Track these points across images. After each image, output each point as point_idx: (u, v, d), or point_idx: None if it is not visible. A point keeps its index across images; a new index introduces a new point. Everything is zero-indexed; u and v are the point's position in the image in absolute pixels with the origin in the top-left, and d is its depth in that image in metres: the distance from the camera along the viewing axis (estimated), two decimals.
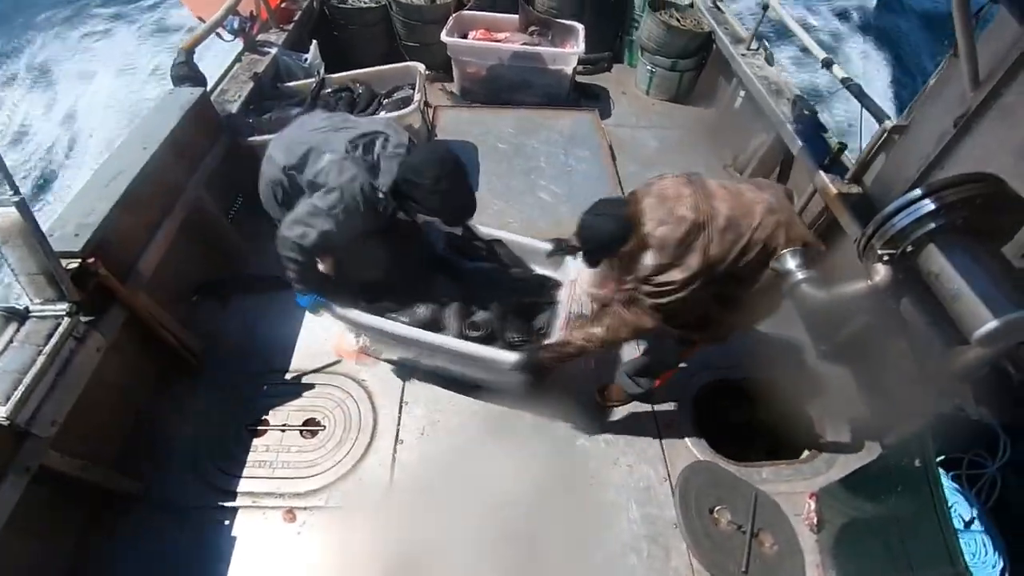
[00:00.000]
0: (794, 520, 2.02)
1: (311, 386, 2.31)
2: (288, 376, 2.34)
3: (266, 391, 2.29)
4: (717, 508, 2.00)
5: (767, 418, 2.32)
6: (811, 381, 2.41)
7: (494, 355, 1.94)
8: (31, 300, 1.67)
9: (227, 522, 1.94)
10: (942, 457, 1.51)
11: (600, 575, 1.90)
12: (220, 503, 1.97)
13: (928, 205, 1.51)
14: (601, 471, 2.13)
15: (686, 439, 2.24)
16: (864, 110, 2.42)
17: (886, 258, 1.71)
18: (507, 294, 2.24)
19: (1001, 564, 1.51)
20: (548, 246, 2.17)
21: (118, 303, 1.92)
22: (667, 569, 1.90)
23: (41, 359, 1.58)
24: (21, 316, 1.65)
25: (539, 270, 2.39)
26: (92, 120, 6.55)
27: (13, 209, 1.48)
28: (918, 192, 1.55)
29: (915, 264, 1.68)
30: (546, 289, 2.30)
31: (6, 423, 1.45)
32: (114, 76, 7.22)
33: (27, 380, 1.52)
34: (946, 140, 1.95)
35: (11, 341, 1.60)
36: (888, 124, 2.25)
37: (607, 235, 1.60)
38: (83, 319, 1.73)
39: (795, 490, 2.11)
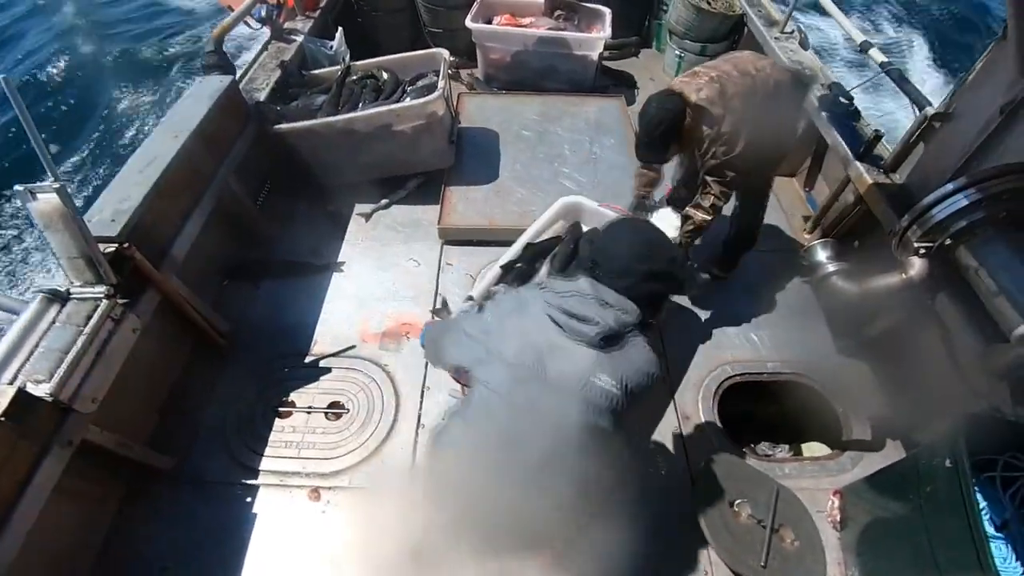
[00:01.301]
0: (817, 517, 1.99)
1: (335, 370, 2.36)
2: (313, 360, 2.39)
3: (292, 374, 2.34)
4: (737, 502, 1.98)
5: (791, 415, 2.28)
6: (838, 378, 2.36)
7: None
8: (71, 283, 1.74)
9: (254, 499, 2.00)
10: (975, 458, 1.46)
11: (616, 564, 1.91)
12: (247, 481, 2.04)
13: (970, 196, 1.46)
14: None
15: (707, 431, 2.22)
16: (905, 96, 2.33)
17: (923, 251, 1.66)
18: None
19: None
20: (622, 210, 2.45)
21: (152, 287, 1.99)
22: (684, 560, 1.90)
23: (81, 339, 1.65)
24: (63, 298, 1.73)
25: None
26: None
27: (54, 195, 1.54)
28: (960, 182, 1.49)
29: (953, 258, 1.62)
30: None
31: (50, 399, 1.53)
32: None
33: (69, 359, 1.60)
34: (991, 128, 1.86)
35: (53, 321, 1.67)
36: (929, 111, 2.15)
37: (674, 113, 1.94)
38: (120, 301, 1.79)
39: (819, 487, 2.07)
